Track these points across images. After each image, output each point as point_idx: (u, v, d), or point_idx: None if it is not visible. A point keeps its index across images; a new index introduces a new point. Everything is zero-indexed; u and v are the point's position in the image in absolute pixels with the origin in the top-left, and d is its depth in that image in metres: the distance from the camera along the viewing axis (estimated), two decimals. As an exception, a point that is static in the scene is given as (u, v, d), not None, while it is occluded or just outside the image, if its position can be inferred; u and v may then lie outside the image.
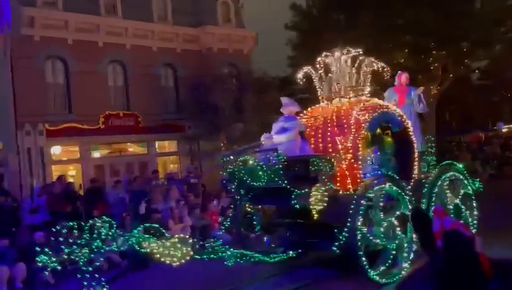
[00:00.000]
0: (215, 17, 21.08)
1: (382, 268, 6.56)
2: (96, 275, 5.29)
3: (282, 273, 7.33)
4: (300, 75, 7.97)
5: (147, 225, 5.97)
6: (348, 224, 6.31)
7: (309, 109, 8.19)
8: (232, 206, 7.85)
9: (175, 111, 19.94)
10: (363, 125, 7.11)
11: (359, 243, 6.30)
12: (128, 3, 18.84)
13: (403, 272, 6.53)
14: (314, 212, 6.33)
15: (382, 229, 6.59)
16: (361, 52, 7.92)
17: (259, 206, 7.81)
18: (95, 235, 5.39)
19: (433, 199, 7.53)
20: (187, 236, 5.77)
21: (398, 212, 6.88)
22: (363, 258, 6.31)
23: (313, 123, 7.77)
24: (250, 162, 7.05)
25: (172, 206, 11.70)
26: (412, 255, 6.81)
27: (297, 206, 6.50)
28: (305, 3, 23.47)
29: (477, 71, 30.96)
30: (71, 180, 15.43)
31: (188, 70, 19.73)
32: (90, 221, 5.63)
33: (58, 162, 17.46)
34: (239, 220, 7.73)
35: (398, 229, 6.78)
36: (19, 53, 16.13)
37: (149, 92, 18.85)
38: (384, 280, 6.46)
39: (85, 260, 5.23)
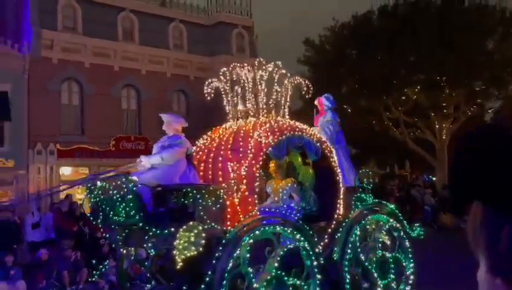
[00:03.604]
0: (229, 47, 21.49)
1: None
2: None
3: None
4: (208, 89, 6.56)
5: None
6: (207, 278, 4.87)
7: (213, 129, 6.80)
8: None
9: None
10: (264, 150, 5.72)
11: None
12: (145, 30, 19.33)
13: None
14: (178, 260, 4.76)
15: (266, 282, 5.16)
16: (280, 66, 6.53)
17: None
18: None
19: (349, 248, 6.03)
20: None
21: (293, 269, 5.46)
22: None
23: (207, 145, 6.32)
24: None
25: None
26: None
27: (151, 251, 5.14)
28: (317, 39, 23.89)
29: (490, 111, 30.87)
30: (79, 201, 15.43)
31: (200, 97, 19.91)
32: None
33: (67, 182, 17.52)
34: (120, 265, 6.15)
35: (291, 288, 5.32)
36: (36, 74, 16.54)
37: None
38: None
39: None
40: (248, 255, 5.10)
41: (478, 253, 1.12)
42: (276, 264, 5.23)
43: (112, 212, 5.14)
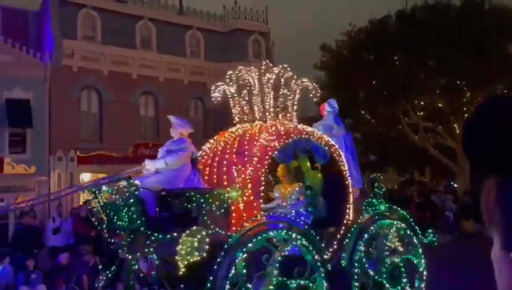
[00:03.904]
0: (245, 53, 21.58)
1: None
2: None
3: None
4: (217, 93, 6.39)
5: None
6: (208, 284, 4.73)
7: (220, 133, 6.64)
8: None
9: (203, 143, 20.16)
10: (270, 153, 5.57)
11: None
12: (162, 38, 19.58)
13: None
14: (181, 266, 4.65)
15: None
16: (289, 69, 6.29)
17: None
18: None
19: (357, 254, 5.87)
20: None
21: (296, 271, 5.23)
22: None
23: (212, 149, 6.20)
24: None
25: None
26: None
27: (153, 256, 5.04)
28: (334, 44, 23.83)
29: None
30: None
31: (217, 104, 20.06)
32: None
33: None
34: (126, 271, 5.99)
35: None
36: (57, 82, 16.89)
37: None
38: None
39: None
40: (244, 270, 4.92)
41: (492, 231, 1.08)
42: (276, 271, 5.06)
43: (115, 217, 5.04)
